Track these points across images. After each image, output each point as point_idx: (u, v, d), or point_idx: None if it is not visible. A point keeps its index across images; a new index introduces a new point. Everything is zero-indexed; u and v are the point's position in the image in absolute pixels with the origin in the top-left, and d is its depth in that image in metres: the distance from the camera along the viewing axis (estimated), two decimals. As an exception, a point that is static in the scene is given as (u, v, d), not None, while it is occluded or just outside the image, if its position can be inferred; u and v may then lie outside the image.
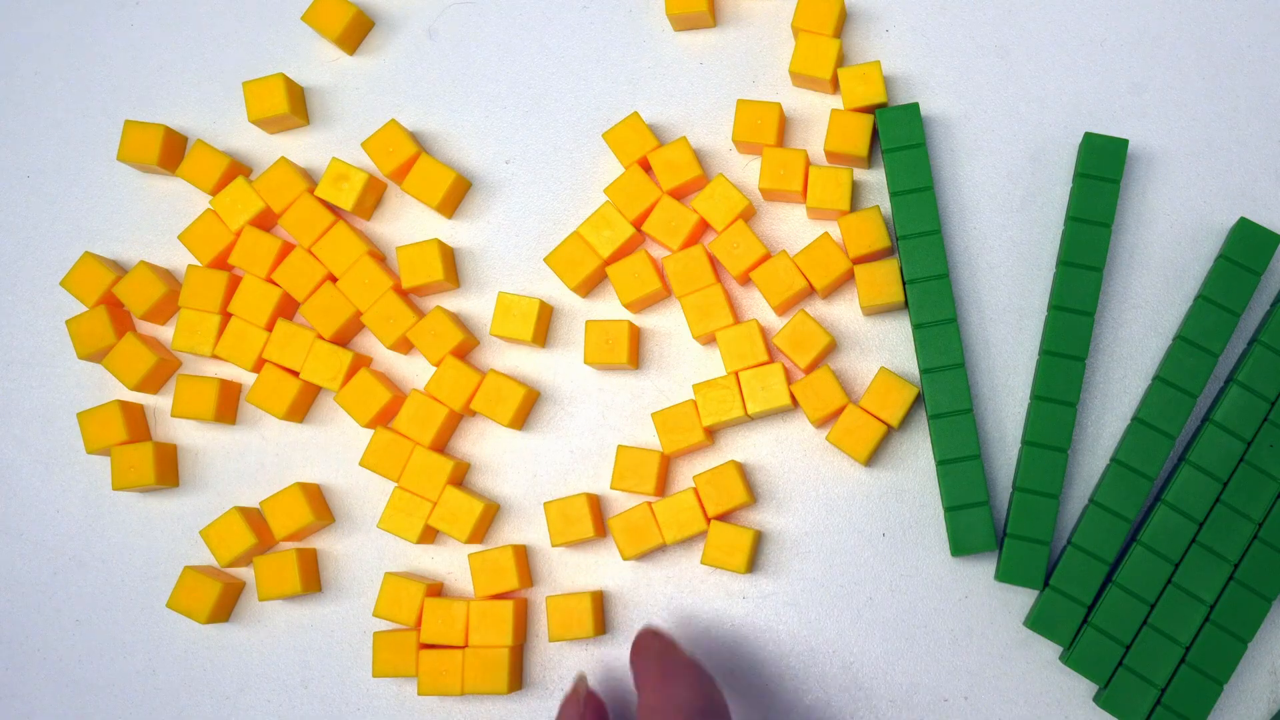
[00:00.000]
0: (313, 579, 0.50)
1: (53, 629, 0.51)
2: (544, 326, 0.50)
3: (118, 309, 0.52)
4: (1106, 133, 0.51)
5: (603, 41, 0.53)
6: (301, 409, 0.51)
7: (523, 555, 0.49)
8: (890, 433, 0.49)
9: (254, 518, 0.50)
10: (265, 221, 0.52)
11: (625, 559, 0.48)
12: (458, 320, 0.51)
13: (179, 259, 0.54)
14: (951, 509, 0.46)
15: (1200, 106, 0.51)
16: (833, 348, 0.49)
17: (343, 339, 0.51)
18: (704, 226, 0.50)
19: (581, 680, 0.45)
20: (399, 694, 0.49)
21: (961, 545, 0.46)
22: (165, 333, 0.53)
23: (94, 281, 0.52)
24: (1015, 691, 0.47)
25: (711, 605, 0.49)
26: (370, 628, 0.50)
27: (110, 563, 0.51)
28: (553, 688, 0.49)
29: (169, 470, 0.51)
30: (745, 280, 0.50)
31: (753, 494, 0.48)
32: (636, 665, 0.43)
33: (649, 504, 0.48)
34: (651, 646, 0.43)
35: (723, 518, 0.48)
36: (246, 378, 0.52)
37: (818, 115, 0.51)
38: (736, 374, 0.48)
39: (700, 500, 0.47)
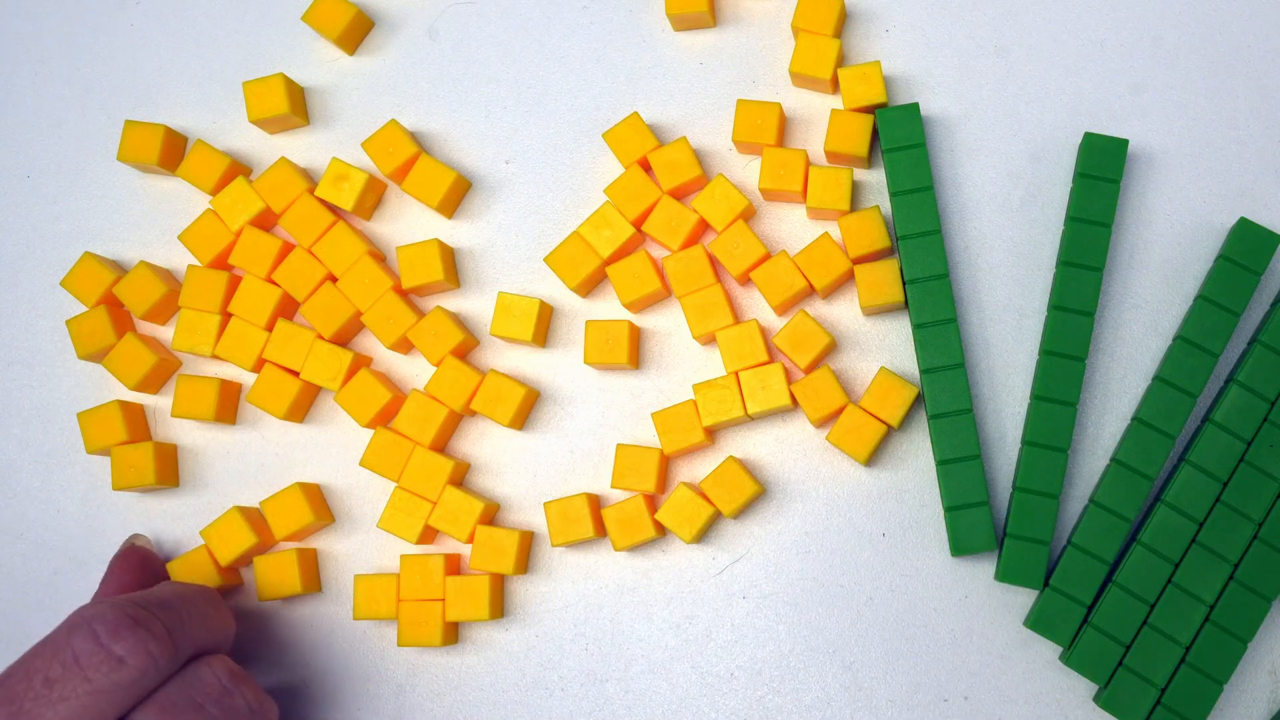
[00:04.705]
0: (313, 579, 0.50)
1: (53, 629, 0.51)
2: (544, 326, 0.50)
3: (118, 309, 0.52)
4: (1106, 133, 0.51)
5: (603, 41, 0.53)
6: (301, 409, 0.51)
7: (527, 543, 0.49)
8: (890, 433, 0.49)
9: (254, 517, 0.50)
10: (265, 221, 0.52)
11: (617, 550, 0.48)
12: (458, 320, 0.51)
13: (179, 259, 0.54)
14: (951, 509, 0.46)
15: (1200, 106, 0.51)
16: (833, 348, 0.49)
17: (343, 339, 0.51)
18: (704, 226, 0.50)
19: (138, 538, 0.50)
20: (398, 694, 0.49)
21: (961, 545, 0.46)
22: (165, 333, 0.53)
23: (94, 281, 0.52)
24: (1015, 691, 0.47)
25: (711, 605, 0.49)
26: (369, 628, 0.50)
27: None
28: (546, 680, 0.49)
29: (169, 470, 0.51)
30: (745, 280, 0.50)
31: (760, 483, 0.48)
32: (110, 568, 0.48)
33: (645, 497, 0.48)
34: (131, 555, 0.48)
35: (738, 515, 0.48)
36: (246, 378, 0.52)
37: (818, 115, 0.52)
38: (736, 374, 0.48)
39: (712, 502, 0.47)
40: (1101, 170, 0.48)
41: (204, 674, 0.41)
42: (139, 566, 0.48)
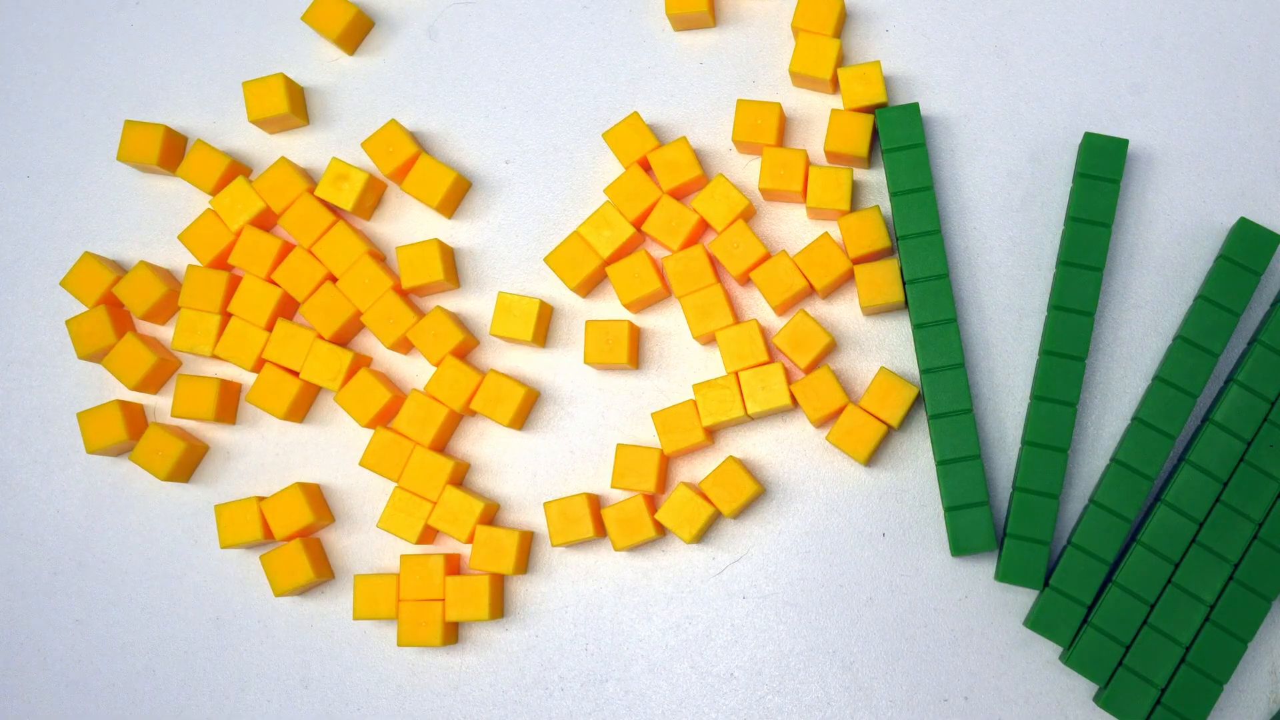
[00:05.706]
0: (323, 566, 0.50)
1: (53, 629, 0.51)
2: (544, 326, 0.50)
3: (118, 309, 0.52)
4: (1106, 133, 0.51)
5: (603, 41, 0.53)
6: (301, 409, 0.51)
7: (527, 543, 0.49)
8: (890, 433, 0.49)
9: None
10: (265, 221, 0.52)
11: (617, 550, 0.48)
12: (458, 320, 0.51)
13: (179, 259, 0.54)
14: (951, 509, 0.46)
15: (1200, 106, 0.51)
16: (833, 348, 0.49)
17: (343, 339, 0.51)
18: (704, 226, 0.50)
19: None
20: (398, 694, 0.49)
21: (961, 545, 0.46)
22: (165, 333, 0.53)
23: (94, 281, 0.52)
24: (1015, 691, 0.47)
25: (712, 605, 0.49)
26: (369, 628, 0.50)
27: (110, 563, 0.51)
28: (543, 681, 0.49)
29: (186, 467, 0.51)
30: (745, 280, 0.50)
31: (760, 483, 0.48)
32: None
33: (645, 497, 0.48)
34: None
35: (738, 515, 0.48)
36: (246, 378, 0.52)
37: (818, 115, 0.52)
38: (736, 374, 0.48)
39: (712, 502, 0.47)
40: (1101, 170, 0.48)
41: None
42: None
